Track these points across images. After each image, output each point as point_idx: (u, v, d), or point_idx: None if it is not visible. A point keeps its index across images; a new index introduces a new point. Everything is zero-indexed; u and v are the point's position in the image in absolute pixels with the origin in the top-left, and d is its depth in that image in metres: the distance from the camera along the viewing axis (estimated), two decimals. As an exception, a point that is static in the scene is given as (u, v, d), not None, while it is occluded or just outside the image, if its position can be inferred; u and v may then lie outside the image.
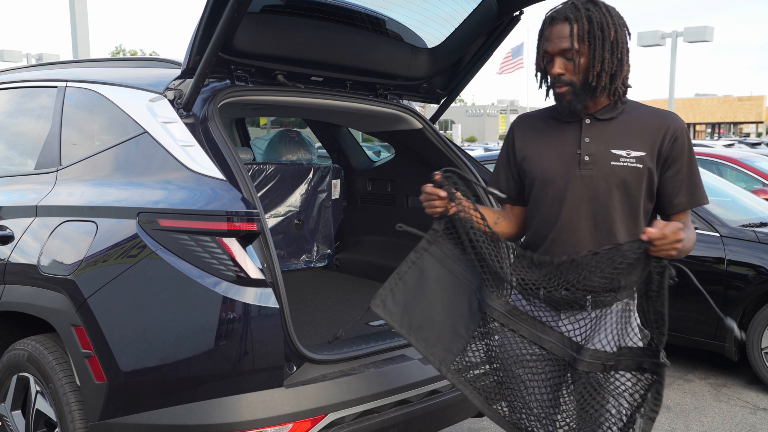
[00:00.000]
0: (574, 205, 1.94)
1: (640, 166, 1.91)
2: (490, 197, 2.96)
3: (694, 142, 12.89)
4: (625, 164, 1.92)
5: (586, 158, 1.95)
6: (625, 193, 1.92)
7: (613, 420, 1.84)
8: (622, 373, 1.82)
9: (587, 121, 1.97)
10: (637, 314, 1.90)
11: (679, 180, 1.93)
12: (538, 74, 2.01)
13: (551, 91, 1.98)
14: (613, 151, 1.93)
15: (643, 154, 1.92)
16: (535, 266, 1.89)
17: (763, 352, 4.35)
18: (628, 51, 1.91)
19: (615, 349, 1.85)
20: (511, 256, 1.95)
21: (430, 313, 1.99)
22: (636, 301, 1.90)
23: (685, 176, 1.94)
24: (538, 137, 2.06)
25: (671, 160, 1.93)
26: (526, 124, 2.12)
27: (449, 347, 1.98)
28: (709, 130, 56.24)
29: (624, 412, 1.84)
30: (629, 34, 1.93)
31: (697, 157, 2.01)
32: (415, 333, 1.97)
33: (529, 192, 2.05)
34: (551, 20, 1.91)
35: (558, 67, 1.90)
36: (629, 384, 1.82)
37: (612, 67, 1.88)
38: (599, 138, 1.95)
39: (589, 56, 1.87)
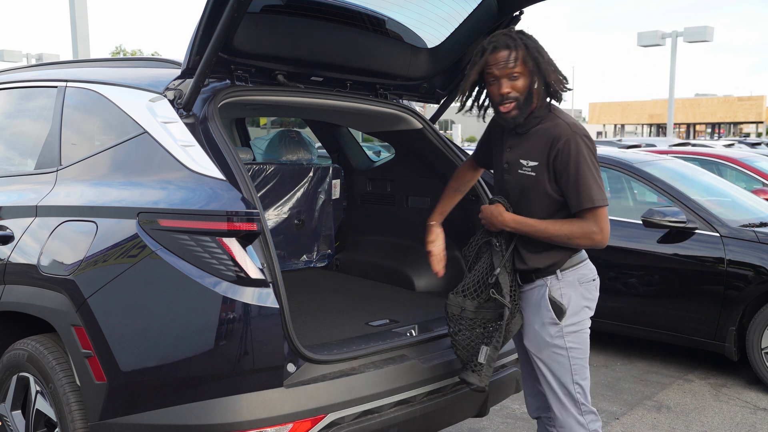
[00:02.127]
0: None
1: (534, 174, 2.28)
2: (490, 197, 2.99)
3: (693, 141, 12.88)
4: (525, 173, 2.30)
5: (506, 165, 2.38)
6: (526, 197, 2.31)
7: (476, 349, 2.39)
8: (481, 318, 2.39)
9: (511, 133, 2.37)
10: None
11: (568, 186, 2.24)
12: (468, 100, 2.42)
13: (496, 109, 2.32)
14: (521, 161, 2.32)
15: (536, 164, 2.28)
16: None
17: (763, 352, 4.35)
18: (554, 74, 2.24)
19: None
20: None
21: None
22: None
23: (572, 183, 2.22)
24: (497, 139, 2.47)
25: (560, 170, 2.24)
26: (498, 125, 2.48)
27: None
28: (709, 130, 56.21)
29: (479, 343, 2.38)
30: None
31: (697, 157, 2.06)
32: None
33: None
34: (493, 48, 2.24)
35: (505, 87, 2.23)
36: (488, 325, 2.39)
37: (550, 82, 2.23)
38: (515, 148, 2.35)
39: (529, 76, 2.22)
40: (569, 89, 2.31)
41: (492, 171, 2.56)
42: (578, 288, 2.37)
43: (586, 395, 2.38)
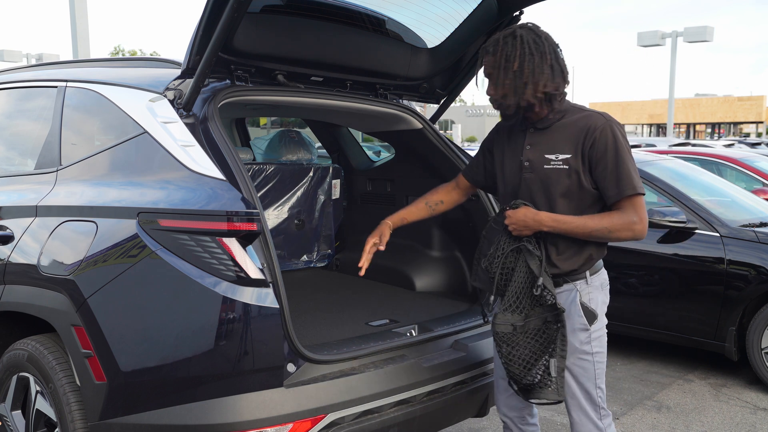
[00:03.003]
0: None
1: (566, 167, 2.23)
2: (490, 197, 2.99)
3: (693, 142, 12.89)
4: (554, 167, 2.25)
5: (526, 164, 2.31)
6: (550, 194, 2.25)
7: (534, 363, 2.25)
8: (533, 328, 2.25)
9: (531, 130, 2.32)
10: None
11: (606, 175, 2.19)
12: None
13: None
14: (546, 156, 2.26)
15: (569, 156, 2.23)
16: None
17: (763, 352, 4.35)
18: (540, 74, 2.18)
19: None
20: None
21: None
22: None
23: (612, 172, 2.18)
24: (504, 143, 2.43)
25: (596, 159, 2.20)
26: (503, 130, 2.45)
27: None
28: (709, 130, 56.21)
29: (541, 355, 2.24)
30: (547, 57, 2.20)
31: (697, 157, 2.06)
32: None
33: (497, 185, 2.46)
34: (483, 51, 2.31)
35: (489, 89, 2.30)
36: (542, 334, 2.24)
37: (517, 91, 2.20)
38: (537, 145, 2.30)
39: (498, 83, 2.24)
40: (559, 92, 2.24)
41: (482, 189, 2.58)
42: (601, 292, 2.35)
43: (604, 398, 2.37)
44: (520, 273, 2.24)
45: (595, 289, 2.32)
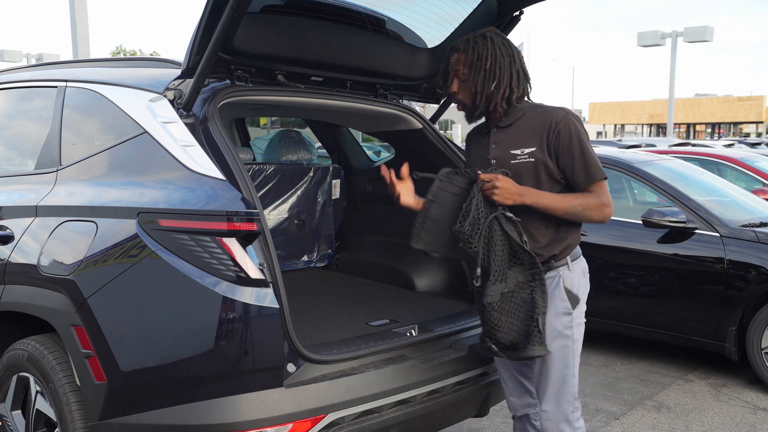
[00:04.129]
0: None
1: (533, 159, 2.31)
2: None
3: (693, 141, 12.89)
4: (521, 161, 2.32)
5: (493, 161, 2.39)
6: (527, 184, 2.30)
7: (527, 323, 2.30)
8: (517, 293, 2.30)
9: (494, 130, 2.41)
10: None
11: (574, 163, 2.28)
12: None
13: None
14: (512, 152, 2.35)
15: (534, 149, 2.30)
16: None
17: (763, 352, 4.35)
18: (509, 76, 2.30)
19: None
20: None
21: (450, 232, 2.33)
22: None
23: (579, 159, 2.28)
24: (473, 145, 2.53)
25: (560, 150, 2.28)
26: (474, 132, 2.55)
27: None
28: (709, 130, 56.19)
29: (530, 314, 2.28)
30: (515, 61, 2.32)
31: (697, 157, 2.07)
32: (446, 250, 2.43)
33: None
34: (451, 49, 2.39)
35: (453, 86, 2.38)
36: (525, 296, 2.29)
37: (486, 90, 2.30)
38: (502, 143, 2.38)
39: (468, 81, 2.32)
40: (522, 96, 2.36)
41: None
42: (583, 278, 2.43)
43: (577, 389, 2.43)
44: (498, 241, 2.25)
45: (577, 275, 2.39)
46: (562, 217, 2.30)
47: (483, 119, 2.46)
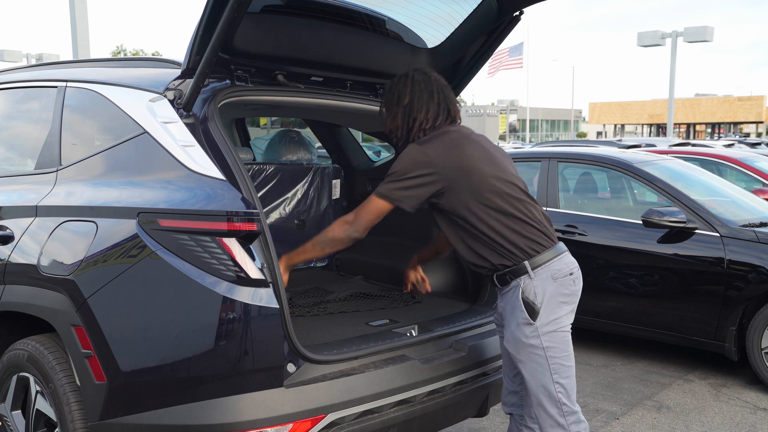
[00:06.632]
0: None
1: None
2: None
3: (693, 141, 12.87)
4: None
5: None
6: None
7: None
8: None
9: None
10: None
11: None
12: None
13: None
14: None
15: None
16: None
17: (763, 352, 4.35)
18: (426, 110, 2.46)
19: None
20: None
21: None
22: None
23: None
24: None
25: None
26: None
27: None
28: (709, 130, 56.20)
29: None
30: (434, 95, 2.47)
31: (697, 157, 2.05)
32: None
33: None
34: (383, 88, 2.65)
35: (387, 121, 2.58)
36: None
37: (406, 125, 2.49)
38: None
39: (391, 116, 2.54)
40: (431, 129, 2.47)
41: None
42: (553, 284, 2.33)
43: (568, 395, 2.36)
44: None
45: (542, 281, 2.32)
46: (330, 253, 2.85)
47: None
